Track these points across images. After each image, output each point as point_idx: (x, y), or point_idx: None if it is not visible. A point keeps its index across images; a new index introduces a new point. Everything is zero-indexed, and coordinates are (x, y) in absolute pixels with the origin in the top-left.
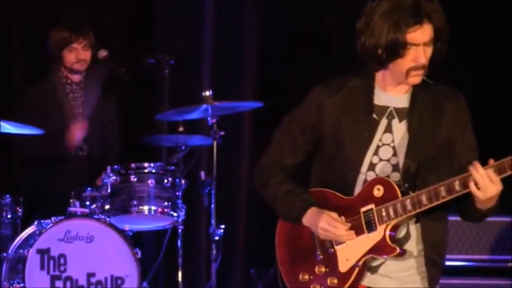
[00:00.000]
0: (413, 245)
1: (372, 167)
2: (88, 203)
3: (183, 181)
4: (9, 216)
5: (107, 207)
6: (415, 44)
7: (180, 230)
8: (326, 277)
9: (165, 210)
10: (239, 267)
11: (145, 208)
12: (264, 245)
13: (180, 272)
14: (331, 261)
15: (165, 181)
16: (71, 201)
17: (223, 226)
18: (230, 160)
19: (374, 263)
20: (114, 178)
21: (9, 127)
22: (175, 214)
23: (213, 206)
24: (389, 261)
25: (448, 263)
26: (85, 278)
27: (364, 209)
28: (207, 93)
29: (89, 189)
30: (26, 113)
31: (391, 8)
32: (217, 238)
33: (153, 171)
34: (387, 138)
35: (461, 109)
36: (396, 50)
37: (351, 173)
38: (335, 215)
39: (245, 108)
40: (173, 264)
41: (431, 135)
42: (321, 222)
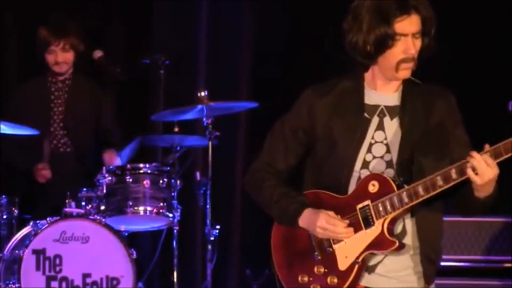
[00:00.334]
0: (409, 241)
1: (365, 165)
2: (83, 203)
3: (178, 181)
4: (4, 217)
5: (102, 207)
6: (404, 34)
7: (175, 231)
8: (326, 276)
9: (161, 210)
10: (235, 267)
11: (141, 209)
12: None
13: (175, 273)
14: (330, 261)
15: (160, 181)
16: (66, 201)
17: (218, 227)
18: (226, 161)
19: (372, 262)
20: (110, 178)
21: (4, 128)
22: (171, 215)
23: (208, 206)
24: (386, 260)
25: (444, 263)
26: (80, 279)
27: (360, 205)
28: (203, 93)
29: (85, 189)
30: (15, 112)
31: (377, 2)
32: (212, 238)
33: (149, 171)
34: (380, 135)
35: (451, 107)
36: (384, 42)
37: (345, 172)
38: (332, 213)
39: (240, 109)
40: (169, 264)
41: (423, 130)
42: (319, 221)
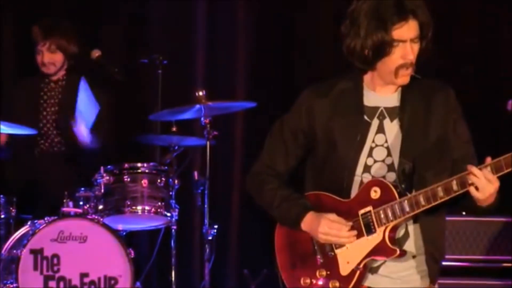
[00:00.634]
0: (412, 244)
1: (367, 169)
2: (81, 203)
3: (176, 181)
4: (2, 216)
5: (100, 207)
6: (402, 41)
7: (173, 230)
8: (328, 280)
9: (159, 210)
10: (233, 267)
11: (139, 208)
12: (257, 245)
13: (173, 272)
14: (331, 265)
15: (158, 181)
16: (64, 201)
17: (216, 226)
18: (224, 160)
19: (375, 264)
20: (108, 178)
21: (3, 127)
22: (169, 214)
23: (206, 206)
24: (389, 261)
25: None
26: (78, 278)
27: (362, 211)
28: (201, 93)
29: (83, 189)
30: (8, 111)
31: (374, 7)
32: (210, 238)
33: (147, 171)
34: (380, 139)
35: (451, 102)
36: (382, 49)
37: (346, 175)
38: (334, 216)
39: (238, 108)
40: (167, 264)
41: (423, 132)
42: (321, 226)
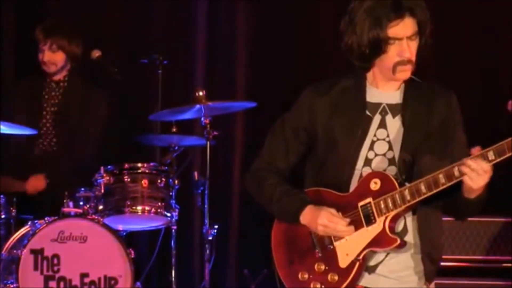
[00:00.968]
0: (410, 239)
1: (368, 162)
2: (81, 203)
3: (176, 181)
4: (2, 216)
5: (100, 207)
6: (397, 39)
7: (173, 230)
8: (326, 274)
9: (159, 210)
10: (233, 267)
11: (139, 208)
12: (257, 245)
13: (173, 272)
14: (330, 258)
15: (158, 181)
16: (64, 201)
17: (216, 226)
18: (224, 160)
19: (373, 262)
20: (108, 178)
21: (3, 128)
22: (169, 214)
23: (206, 206)
24: (387, 260)
25: (444, 263)
26: (78, 278)
27: (362, 203)
28: (201, 93)
29: (83, 189)
30: (9, 110)
31: (372, 5)
32: (210, 238)
33: (147, 171)
34: (382, 133)
35: (452, 106)
36: (378, 46)
37: (346, 170)
38: (333, 211)
39: (238, 108)
40: (167, 264)
41: (425, 128)
42: (320, 218)
